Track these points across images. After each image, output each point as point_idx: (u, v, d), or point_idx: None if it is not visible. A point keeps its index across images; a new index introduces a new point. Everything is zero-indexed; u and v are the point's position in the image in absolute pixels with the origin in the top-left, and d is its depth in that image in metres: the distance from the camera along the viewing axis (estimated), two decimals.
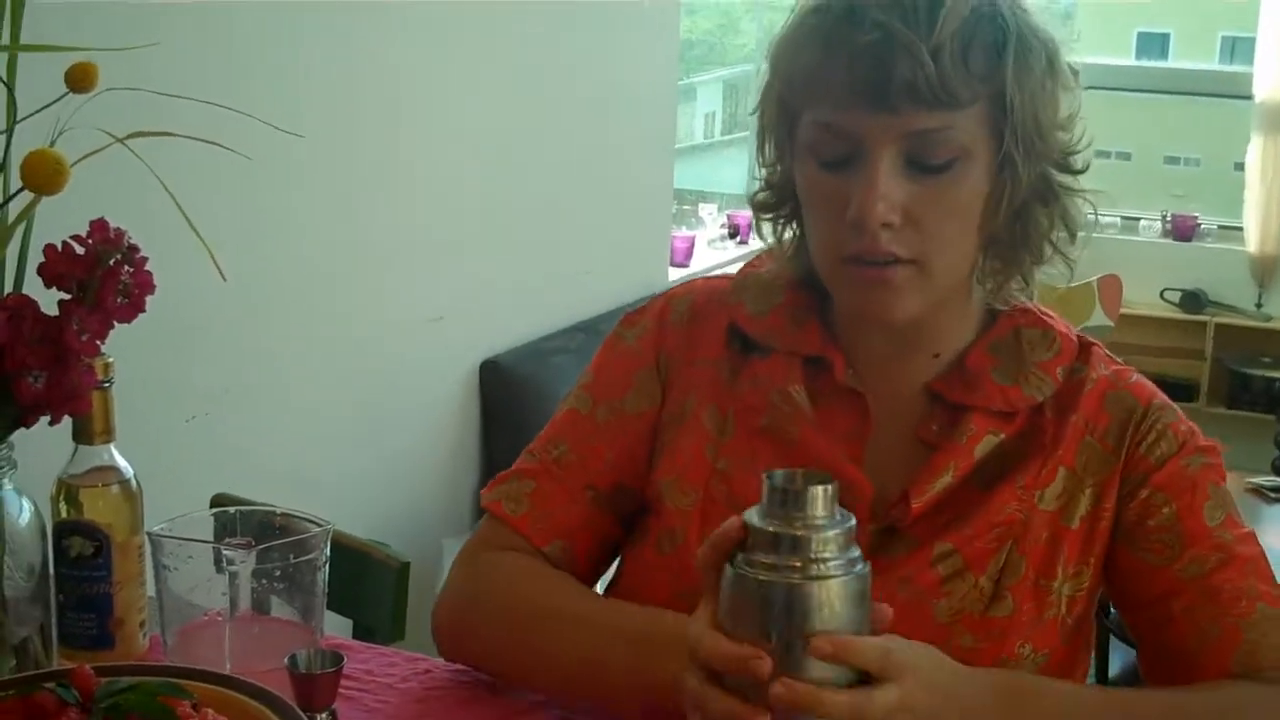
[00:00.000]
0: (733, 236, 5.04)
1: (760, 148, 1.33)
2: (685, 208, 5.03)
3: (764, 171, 1.34)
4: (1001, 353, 1.30)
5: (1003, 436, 1.28)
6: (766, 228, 1.36)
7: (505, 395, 3.31)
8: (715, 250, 4.89)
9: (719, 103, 6.24)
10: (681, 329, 1.40)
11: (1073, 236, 1.29)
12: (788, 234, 1.34)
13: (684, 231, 4.71)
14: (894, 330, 1.28)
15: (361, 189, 2.89)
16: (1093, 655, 1.43)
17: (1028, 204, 1.24)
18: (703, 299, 1.41)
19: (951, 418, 1.29)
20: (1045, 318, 1.33)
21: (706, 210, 5.12)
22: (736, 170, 5.95)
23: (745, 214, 5.12)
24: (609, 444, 1.38)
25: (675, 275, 4.37)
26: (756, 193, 1.35)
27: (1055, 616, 1.27)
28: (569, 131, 3.59)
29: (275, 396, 2.72)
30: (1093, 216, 1.30)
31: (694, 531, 1.30)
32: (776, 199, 1.33)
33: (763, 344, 1.35)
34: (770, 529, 1.00)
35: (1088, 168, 1.28)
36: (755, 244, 4.96)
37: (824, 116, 1.21)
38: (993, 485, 1.27)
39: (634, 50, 3.94)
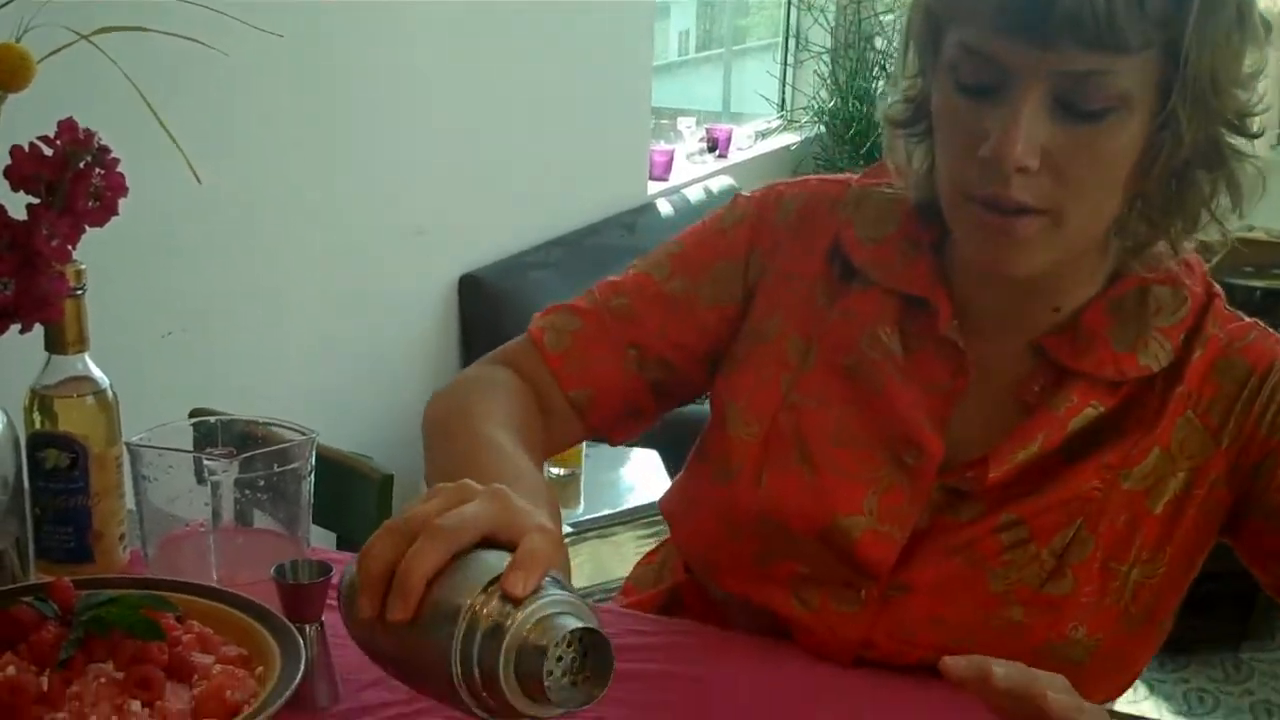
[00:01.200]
0: (711, 150, 4.99)
1: (902, 56, 1.20)
2: (663, 122, 4.98)
3: (903, 84, 1.21)
4: (1123, 312, 1.19)
5: (1103, 410, 1.18)
6: (899, 145, 1.24)
7: (485, 310, 3.28)
8: (694, 164, 4.84)
9: (693, 21, 6.16)
10: (785, 230, 1.31)
11: (1235, 206, 1.15)
12: (919, 154, 1.22)
13: (663, 146, 4.66)
14: (1014, 281, 1.17)
15: (342, 102, 2.85)
16: None
17: (1189, 166, 1.11)
18: (814, 204, 1.31)
19: (1055, 380, 1.19)
20: (1179, 272, 1.20)
21: (685, 124, 5.06)
22: (712, 88, 5.89)
23: (724, 128, 5.08)
24: (670, 319, 1.32)
25: (654, 189, 4.35)
26: (891, 104, 1.23)
27: (1118, 602, 1.18)
28: (548, 48, 3.55)
29: (253, 312, 2.69)
30: (1260, 184, 1.15)
31: (751, 467, 1.25)
32: (912, 115, 1.21)
33: (864, 274, 1.26)
34: (533, 650, 0.82)
35: (1264, 131, 1.13)
36: (735, 158, 4.93)
37: (971, 39, 1.08)
38: (1077, 459, 1.18)
39: None
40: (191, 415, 1.68)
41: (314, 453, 1.21)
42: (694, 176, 4.62)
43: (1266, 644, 3.53)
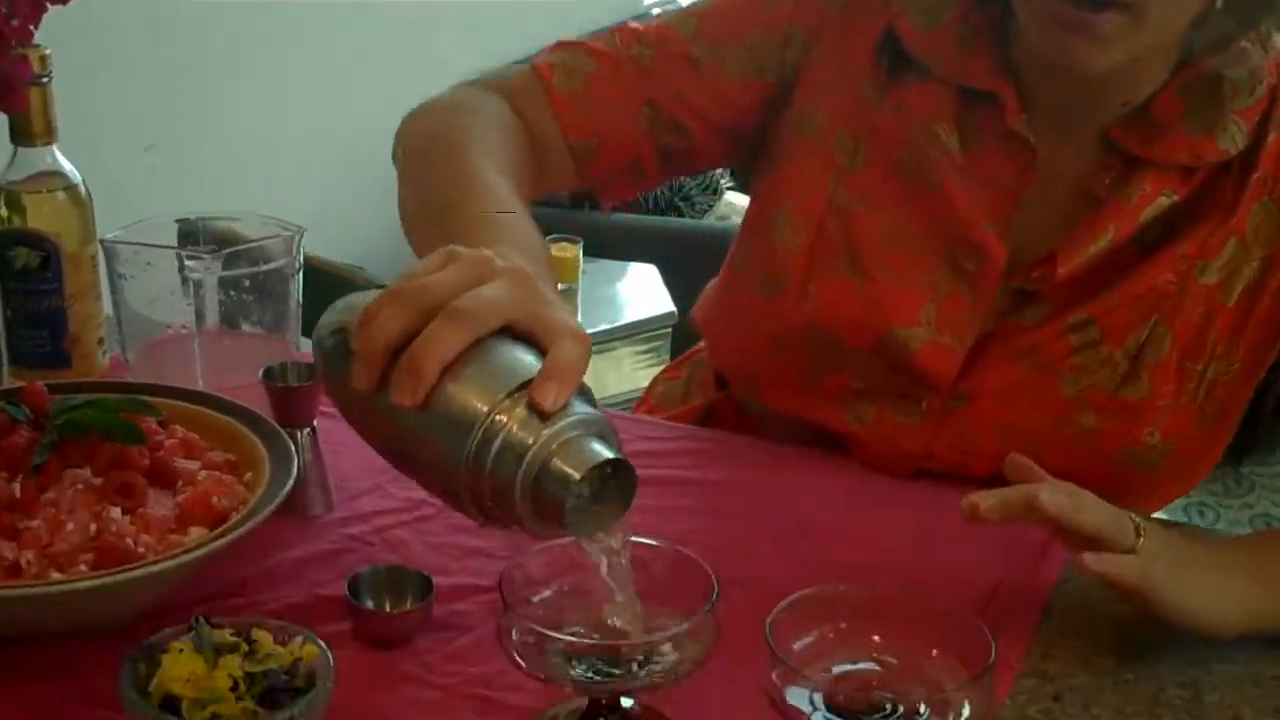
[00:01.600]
0: None
1: None
2: None
3: None
4: (1195, 97, 1.11)
5: (1176, 198, 1.12)
6: None
7: None
8: None
9: None
10: (834, 8, 1.20)
11: None
12: None
13: None
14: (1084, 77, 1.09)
15: None
16: None
17: None
18: None
19: (1125, 171, 1.13)
20: (1260, 63, 1.12)
21: None
22: None
23: None
24: (691, 83, 1.22)
25: None
26: None
27: (1193, 402, 1.14)
28: None
29: (241, 122, 2.64)
30: None
31: (798, 278, 1.18)
32: None
33: (919, 64, 1.16)
34: (557, 474, 0.75)
35: None
36: None
37: None
38: (1151, 251, 1.13)
39: None
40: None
41: (300, 249, 1.15)
42: None
43: (1267, 458, 3.52)
